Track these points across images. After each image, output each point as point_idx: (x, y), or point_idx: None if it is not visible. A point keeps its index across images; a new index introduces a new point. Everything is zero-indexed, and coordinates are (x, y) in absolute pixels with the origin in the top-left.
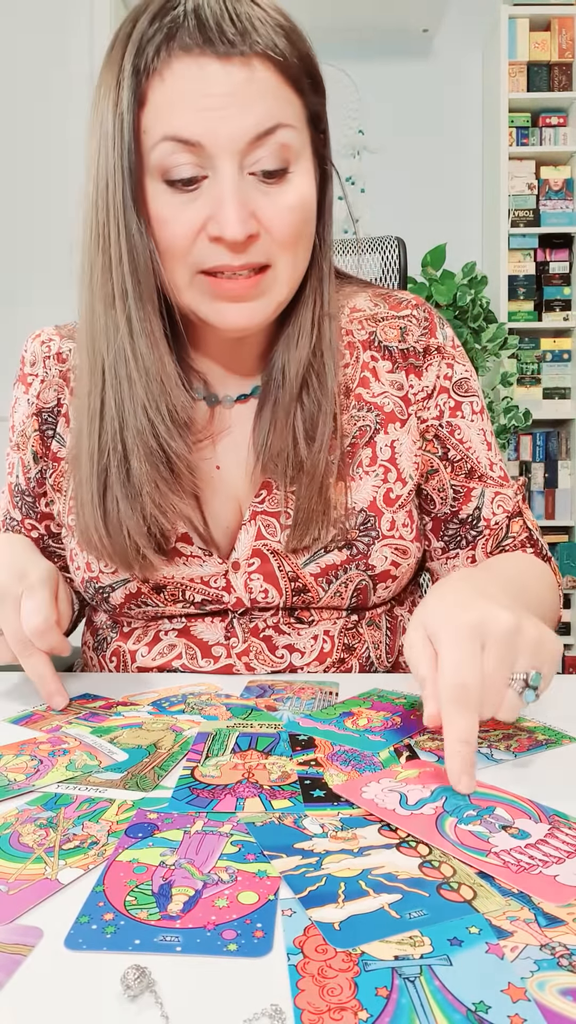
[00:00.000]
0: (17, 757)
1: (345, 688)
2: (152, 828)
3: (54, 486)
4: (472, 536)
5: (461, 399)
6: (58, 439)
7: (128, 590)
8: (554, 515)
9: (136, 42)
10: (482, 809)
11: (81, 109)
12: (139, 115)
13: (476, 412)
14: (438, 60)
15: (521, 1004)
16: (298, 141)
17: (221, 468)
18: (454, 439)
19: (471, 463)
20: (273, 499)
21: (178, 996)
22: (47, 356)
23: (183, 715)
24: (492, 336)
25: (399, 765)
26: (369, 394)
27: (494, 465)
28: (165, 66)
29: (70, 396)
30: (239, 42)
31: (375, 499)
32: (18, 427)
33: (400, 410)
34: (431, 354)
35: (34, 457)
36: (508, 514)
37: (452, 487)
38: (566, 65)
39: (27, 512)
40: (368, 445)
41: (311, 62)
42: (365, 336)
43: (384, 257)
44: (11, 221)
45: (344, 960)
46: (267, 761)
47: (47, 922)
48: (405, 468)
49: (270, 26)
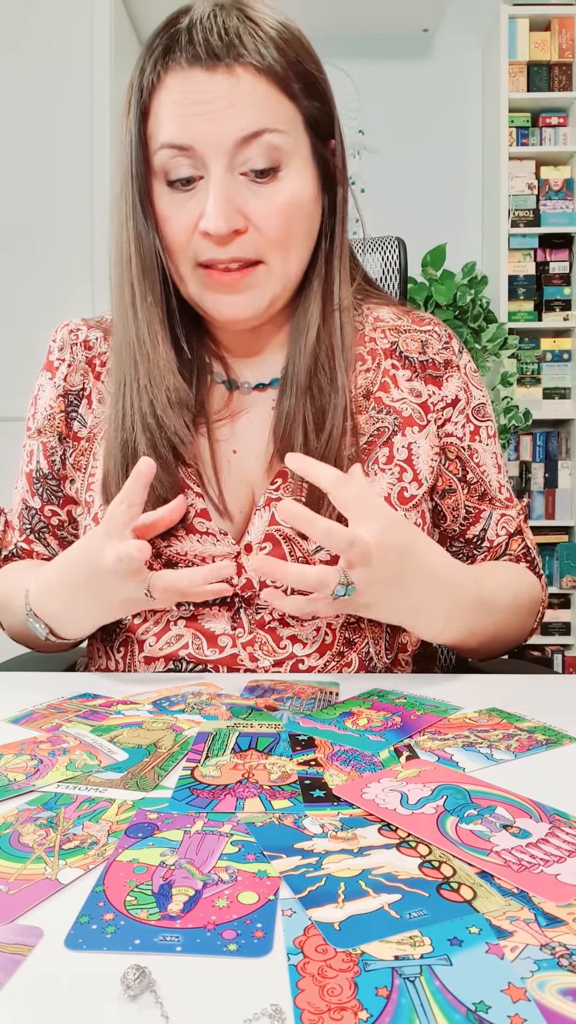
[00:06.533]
0: (17, 757)
1: (345, 688)
2: (152, 828)
3: (75, 465)
4: (474, 554)
5: (479, 424)
6: (79, 420)
7: None
8: (554, 515)
9: (142, 59)
10: (483, 808)
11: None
12: (145, 126)
13: (490, 436)
14: (438, 60)
15: (521, 1004)
16: (289, 144)
17: (238, 453)
18: (473, 462)
19: (484, 486)
20: (288, 487)
21: (178, 996)
22: (74, 343)
23: (183, 715)
24: (492, 336)
25: (399, 765)
26: (389, 398)
27: (502, 487)
28: (161, 80)
29: (94, 381)
30: (224, 54)
31: (389, 496)
32: (42, 412)
33: (419, 416)
34: (451, 367)
35: (59, 438)
36: (509, 534)
37: (466, 507)
38: (566, 65)
39: (48, 498)
40: (386, 445)
41: (305, 69)
42: (387, 345)
43: (384, 257)
44: (11, 222)
45: (344, 960)
46: (267, 761)
47: (47, 922)
48: (421, 470)
49: (258, 38)
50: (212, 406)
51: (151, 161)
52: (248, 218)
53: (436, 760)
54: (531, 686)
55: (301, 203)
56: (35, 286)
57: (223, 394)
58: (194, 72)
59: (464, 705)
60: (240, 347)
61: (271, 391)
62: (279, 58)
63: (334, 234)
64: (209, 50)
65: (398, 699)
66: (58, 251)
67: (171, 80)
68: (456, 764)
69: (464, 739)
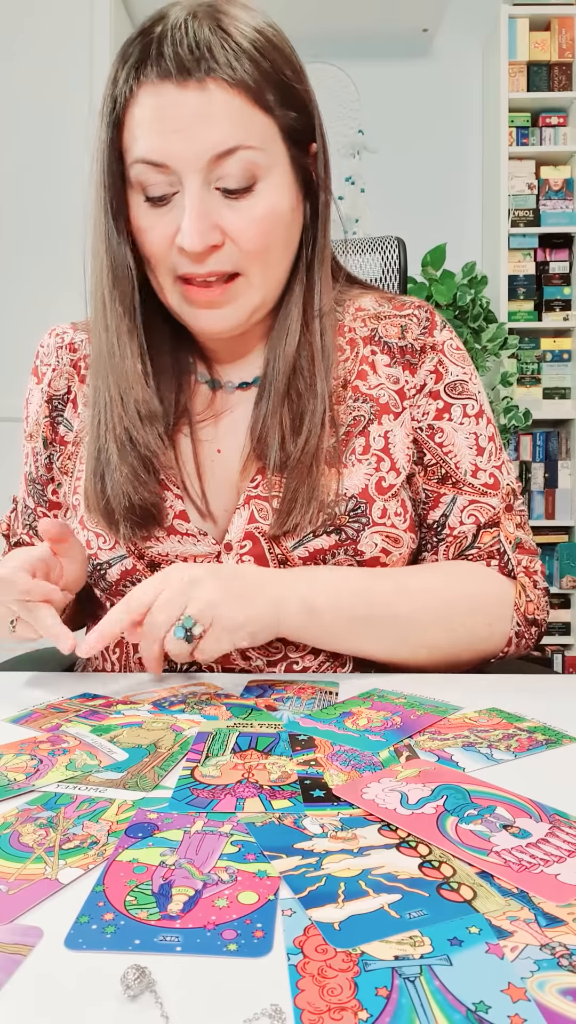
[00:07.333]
0: (17, 757)
1: (345, 688)
2: (152, 828)
3: (61, 469)
4: (435, 541)
5: (452, 401)
6: (65, 424)
7: (124, 567)
8: (554, 515)
9: (115, 69)
10: (483, 808)
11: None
12: (120, 137)
13: (469, 416)
14: (438, 60)
15: (521, 1004)
16: (265, 159)
17: (222, 452)
18: (432, 443)
19: (447, 468)
20: (267, 484)
21: (178, 996)
22: (60, 347)
23: (183, 715)
24: (492, 336)
25: (399, 765)
26: (366, 386)
27: (480, 472)
28: (133, 94)
29: (79, 384)
30: (194, 68)
31: (367, 487)
32: (32, 417)
33: (395, 403)
34: (427, 352)
35: (44, 442)
36: (479, 524)
37: (424, 491)
38: (566, 65)
39: (39, 500)
40: (362, 434)
41: (281, 78)
42: (367, 332)
43: (384, 257)
44: (11, 224)
45: (344, 960)
46: (267, 761)
47: (47, 922)
48: (399, 458)
49: (230, 50)
50: (196, 407)
51: (127, 173)
52: (225, 232)
53: (436, 760)
54: (531, 686)
55: (279, 215)
56: (33, 286)
57: (207, 394)
58: (165, 87)
59: (464, 705)
60: (224, 350)
61: (254, 389)
62: (252, 70)
63: (316, 240)
64: (179, 64)
65: (398, 699)
66: (58, 250)
67: (143, 94)
68: (456, 764)
69: (464, 739)
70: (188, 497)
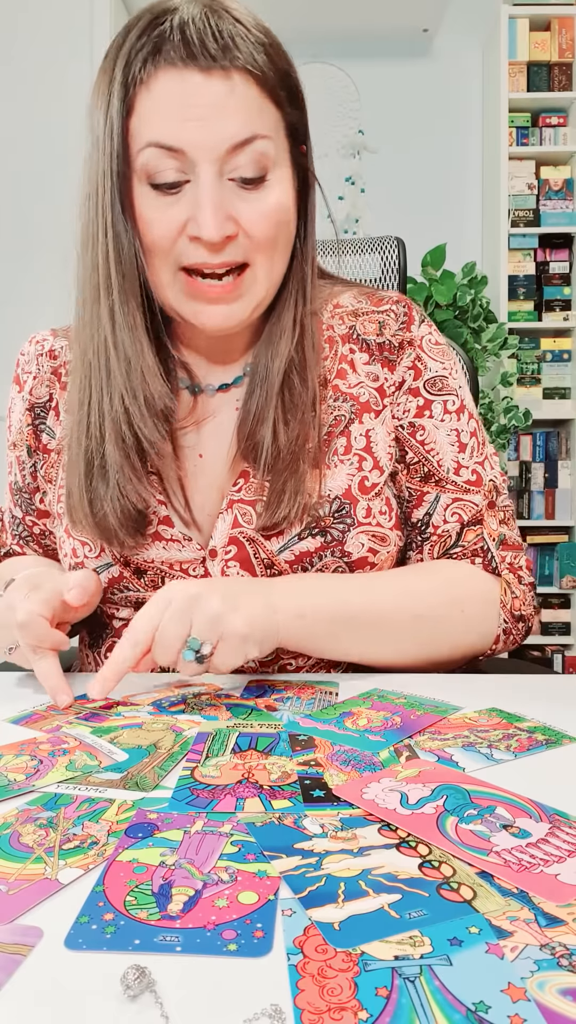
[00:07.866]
0: (17, 757)
1: (345, 688)
2: (152, 828)
3: (45, 477)
4: (420, 540)
5: (432, 397)
6: (48, 432)
7: (111, 574)
8: (554, 515)
9: (126, 54)
10: (483, 808)
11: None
12: (127, 122)
13: (450, 412)
14: (438, 60)
15: (521, 1004)
16: (275, 150)
17: (204, 456)
18: (414, 441)
19: (429, 466)
20: (250, 487)
21: (178, 996)
22: (40, 354)
23: (183, 715)
24: (492, 336)
25: (399, 765)
26: (346, 385)
27: (462, 469)
28: (151, 77)
29: (61, 391)
30: (220, 57)
31: (350, 487)
32: (15, 426)
33: (375, 401)
34: (404, 348)
35: (28, 451)
36: (462, 522)
37: (408, 489)
38: (566, 65)
39: (27, 509)
40: (343, 434)
41: (289, 77)
42: (345, 330)
43: (384, 257)
44: (11, 224)
45: (344, 960)
46: (267, 761)
47: (47, 922)
48: (381, 457)
49: (251, 43)
50: (178, 412)
51: (132, 160)
52: (238, 223)
53: (436, 760)
54: (531, 686)
55: (286, 208)
56: (32, 283)
57: (188, 400)
58: (188, 72)
59: (464, 705)
60: (209, 350)
61: (235, 391)
62: (268, 64)
63: (307, 237)
64: (205, 51)
65: (398, 699)
66: (51, 253)
67: (163, 78)
68: (456, 764)
69: (464, 739)
70: (171, 504)
